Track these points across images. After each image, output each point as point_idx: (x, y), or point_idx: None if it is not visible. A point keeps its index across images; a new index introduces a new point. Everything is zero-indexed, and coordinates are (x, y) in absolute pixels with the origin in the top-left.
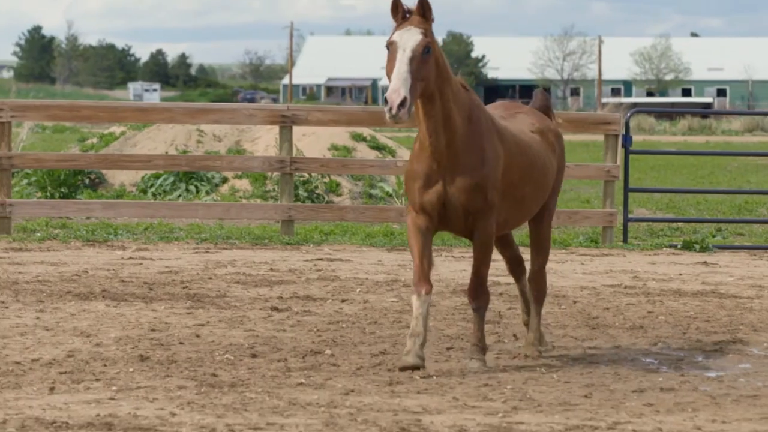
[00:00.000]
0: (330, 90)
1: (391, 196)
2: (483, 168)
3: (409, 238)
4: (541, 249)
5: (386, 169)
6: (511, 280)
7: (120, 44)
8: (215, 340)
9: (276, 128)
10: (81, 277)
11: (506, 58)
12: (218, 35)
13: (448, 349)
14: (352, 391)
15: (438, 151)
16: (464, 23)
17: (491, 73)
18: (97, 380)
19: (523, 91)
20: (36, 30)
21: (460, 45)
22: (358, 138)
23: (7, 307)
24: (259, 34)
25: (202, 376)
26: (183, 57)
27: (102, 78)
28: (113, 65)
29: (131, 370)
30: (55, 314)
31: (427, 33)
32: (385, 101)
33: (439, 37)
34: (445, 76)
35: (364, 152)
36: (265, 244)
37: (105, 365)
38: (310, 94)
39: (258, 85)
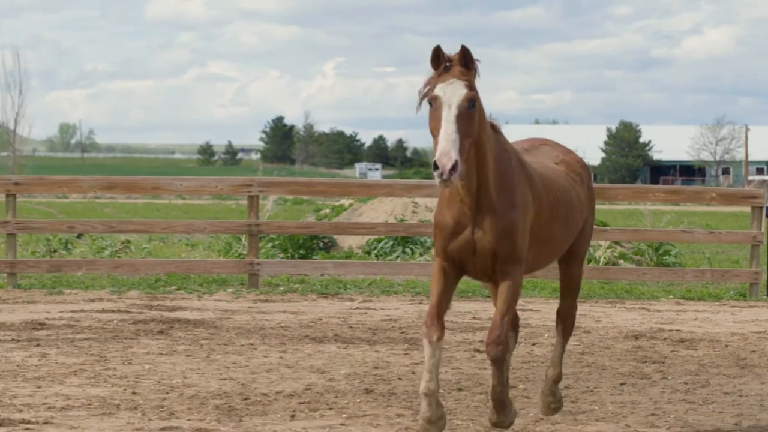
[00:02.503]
0: None
1: None
2: (513, 212)
3: (431, 281)
4: (571, 289)
5: None
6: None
7: (348, 131)
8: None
9: None
10: (316, 323)
11: (668, 142)
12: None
13: (621, 384)
14: (542, 419)
15: (469, 194)
16: (634, 114)
17: (656, 156)
18: (330, 409)
19: (683, 170)
20: (279, 119)
21: (630, 132)
22: None
23: (255, 348)
24: None
25: (417, 407)
26: (400, 141)
27: (333, 159)
28: (342, 148)
29: (358, 400)
30: (295, 354)
31: (471, 85)
32: (435, 166)
33: (612, 125)
34: (482, 124)
35: None
36: (468, 297)
37: (336, 397)
38: None
39: None
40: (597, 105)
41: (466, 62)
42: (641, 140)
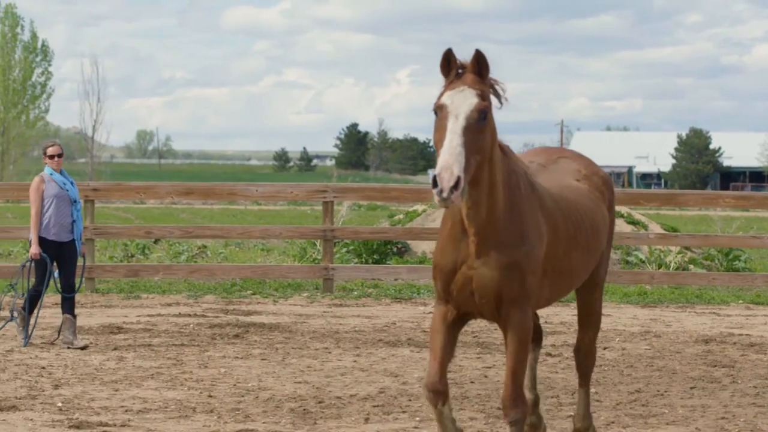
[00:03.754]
0: None
1: (643, 262)
2: (522, 246)
3: (430, 331)
4: (591, 320)
5: (640, 240)
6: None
7: (422, 138)
8: (500, 380)
9: None
10: (390, 327)
11: (738, 149)
12: (503, 130)
13: (691, 388)
14: (613, 422)
15: (476, 225)
16: (704, 120)
17: (726, 162)
18: (404, 412)
19: (753, 176)
20: (353, 126)
21: (700, 138)
22: (618, 215)
23: (329, 352)
24: (535, 129)
25: (489, 410)
26: None
27: (407, 165)
28: (416, 155)
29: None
30: (369, 358)
31: (484, 95)
32: (434, 182)
33: (682, 132)
34: (494, 142)
35: (621, 226)
36: None
37: (410, 400)
38: None
39: None
40: (667, 112)
41: (480, 69)
42: (711, 147)
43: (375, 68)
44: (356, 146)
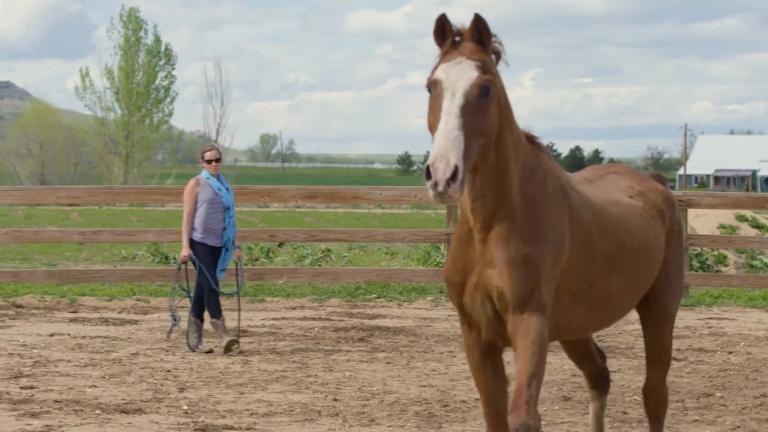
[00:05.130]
0: (717, 179)
1: None
2: (537, 244)
3: (470, 366)
4: (659, 358)
5: (765, 244)
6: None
7: (545, 141)
8: (624, 384)
9: None
10: None
11: None
12: (626, 134)
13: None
14: (738, 427)
15: (482, 219)
16: None
17: None
18: None
19: None
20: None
21: None
22: (741, 219)
23: (454, 356)
24: (658, 133)
25: (615, 414)
26: (596, 152)
27: None
28: None
29: (556, 408)
30: None
31: (486, 66)
32: (427, 173)
33: None
34: (506, 121)
35: (746, 230)
36: None
37: None
38: (701, 182)
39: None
40: None
41: (480, 37)
42: None
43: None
44: None
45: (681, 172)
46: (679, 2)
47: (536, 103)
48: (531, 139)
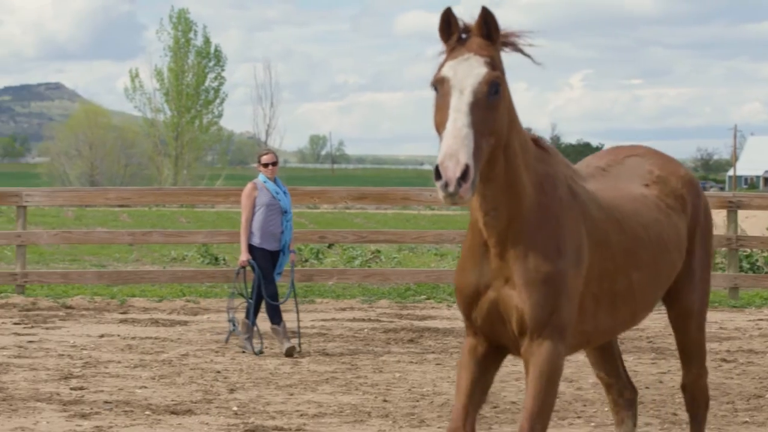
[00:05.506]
0: (767, 180)
1: None
2: (557, 261)
3: (457, 366)
4: (693, 354)
5: None
6: None
7: (594, 143)
8: (675, 386)
9: (723, 212)
10: None
11: None
12: (675, 135)
13: None
14: None
15: (496, 233)
16: None
17: None
18: (579, 418)
19: None
20: (526, 131)
21: None
22: None
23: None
24: (708, 134)
25: (665, 415)
26: None
27: None
28: None
29: (606, 409)
30: None
31: (495, 63)
32: (437, 173)
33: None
34: (512, 123)
35: None
36: (714, 307)
37: (584, 405)
38: (751, 183)
39: (707, 176)
40: None
41: (488, 31)
42: None
43: (548, 73)
44: None
45: (731, 173)
46: (729, 3)
47: (586, 104)
48: (536, 142)
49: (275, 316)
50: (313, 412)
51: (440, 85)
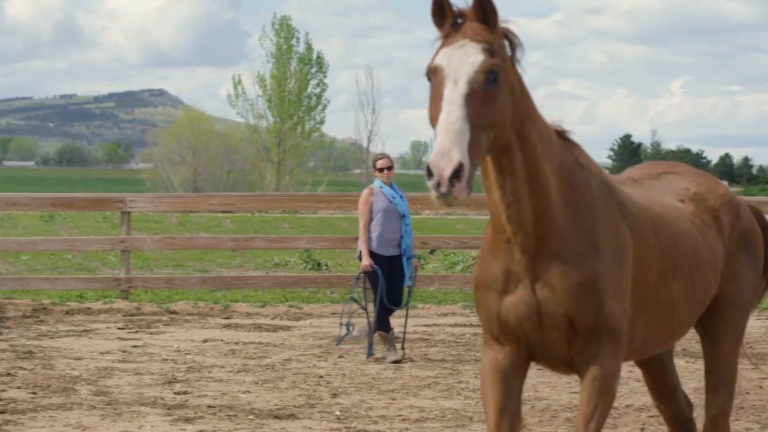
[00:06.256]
0: None
1: None
2: (596, 259)
3: (481, 385)
4: (719, 383)
5: None
6: None
7: (695, 149)
8: None
9: None
10: None
11: None
12: None
13: None
14: None
15: (521, 229)
16: None
17: None
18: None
19: None
20: (626, 137)
21: None
22: None
23: None
24: None
25: (765, 420)
26: (746, 159)
27: None
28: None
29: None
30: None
31: (493, 49)
32: (428, 172)
33: None
34: (527, 113)
35: None
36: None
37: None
38: None
39: None
40: None
41: (485, 16)
42: None
43: (647, 79)
44: (629, 158)
45: None
46: None
47: (686, 111)
48: (560, 134)
49: (385, 324)
50: (415, 417)
51: (433, 74)
